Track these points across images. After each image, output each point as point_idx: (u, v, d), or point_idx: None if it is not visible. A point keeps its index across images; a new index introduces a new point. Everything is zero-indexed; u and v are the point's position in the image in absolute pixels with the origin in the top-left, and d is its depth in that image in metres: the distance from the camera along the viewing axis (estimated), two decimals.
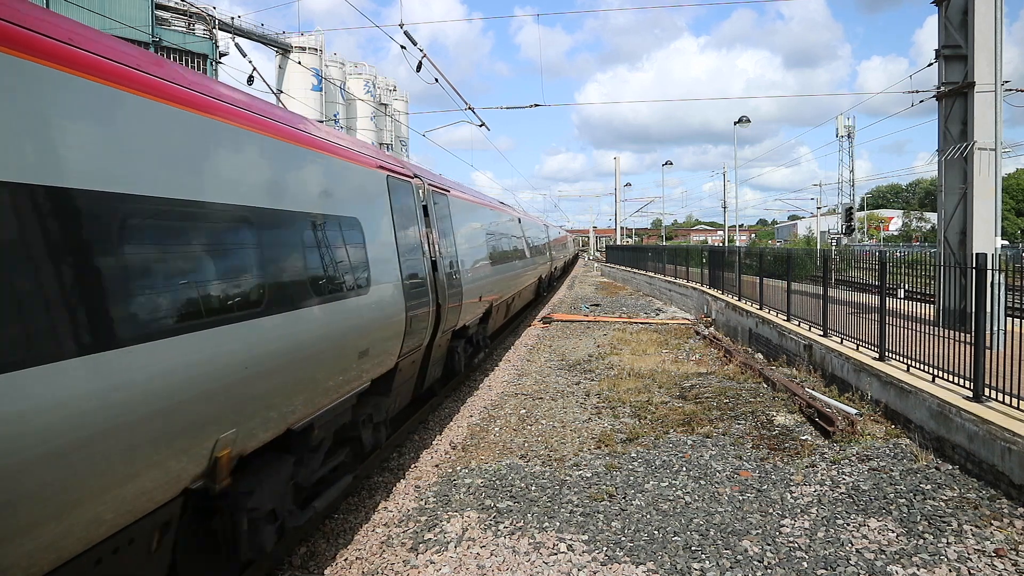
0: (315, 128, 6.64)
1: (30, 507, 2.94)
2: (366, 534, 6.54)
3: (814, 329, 12.73)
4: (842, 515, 6.27)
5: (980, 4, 11.58)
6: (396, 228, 8.09)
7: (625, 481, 7.44)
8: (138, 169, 3.76)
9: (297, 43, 73.35)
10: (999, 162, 11.72)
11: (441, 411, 11.14)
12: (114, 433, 3.34)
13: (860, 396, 9.65)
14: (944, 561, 5.32)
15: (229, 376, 4.28)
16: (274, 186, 5.33)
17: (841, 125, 48.00)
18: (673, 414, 10.02)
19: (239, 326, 4.41)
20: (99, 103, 3.57)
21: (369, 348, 6.78)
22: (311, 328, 5.47)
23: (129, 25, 31.14)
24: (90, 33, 3.73)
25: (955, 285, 9.46)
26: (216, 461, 4.25)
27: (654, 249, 41.98)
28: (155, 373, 3.62)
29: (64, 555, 3.23)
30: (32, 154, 3.07)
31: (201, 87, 4.59)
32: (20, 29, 3.10)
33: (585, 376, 13.27)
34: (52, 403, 2.99)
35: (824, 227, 57.81)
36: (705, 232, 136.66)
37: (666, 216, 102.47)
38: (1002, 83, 11.65)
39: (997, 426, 6.67)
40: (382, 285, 7.23)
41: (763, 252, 17.99)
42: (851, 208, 44.82)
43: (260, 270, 4.81)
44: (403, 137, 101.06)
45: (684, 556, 5.66)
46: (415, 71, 15.76)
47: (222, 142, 4.68)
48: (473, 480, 7.63)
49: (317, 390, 5.75)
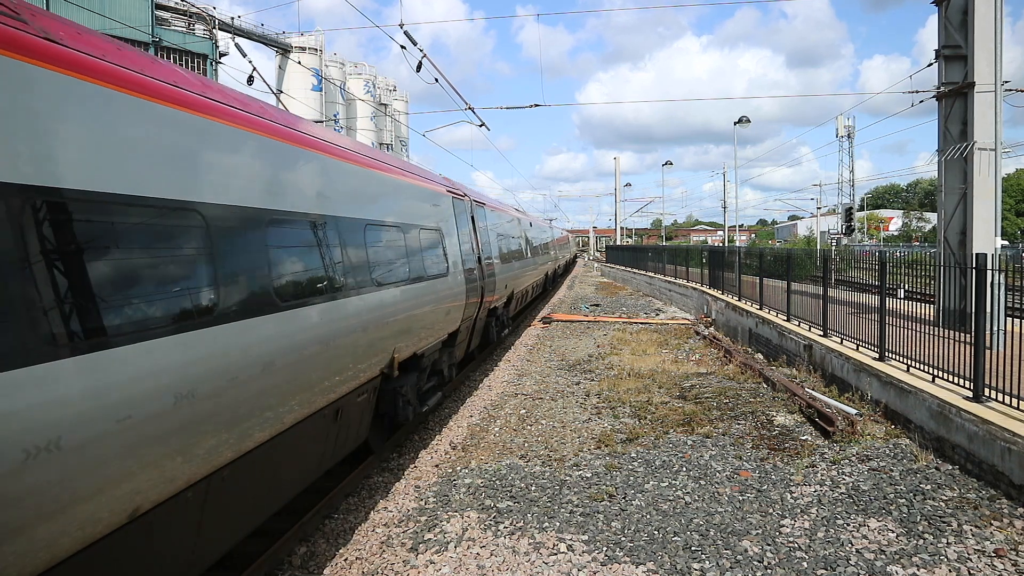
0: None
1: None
2: (366, 534, 6.54)
3: (814, 329, 12.73)
4: (842, 515, 6.27)
5: (980, 4, 11.58)
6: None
7: (625, 481, 7.43)
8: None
9: (297, 43, 73.39)
10: (999, 162, 11.72)
11: (441, 411, 11.14)
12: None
13: (860, 396, 9.65)
14: (944, 561, 5.32)
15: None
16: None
17: (841, 125, 47.94)
18: (673, 414, 10.02)
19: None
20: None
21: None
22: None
23: (129, 25, 31.09)
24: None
25: (955, 285, 9.46)
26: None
27: (654, 249, 41.98)
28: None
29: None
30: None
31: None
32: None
33: (585, 376, 13.26)
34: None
35: (824, 227, 57.82)
36: (705, 232, 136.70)
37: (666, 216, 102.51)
38: (1002, 83, 11.65)
39: (997, 426, 6.67)
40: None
41: (763, 252, 17.98)
42: (851, 208, 44.80)
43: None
44: (403, 137, 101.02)
45: (684, 556, 5.66)
46: (415, 71, 15.76)
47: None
48: (473, 480, 7.63)
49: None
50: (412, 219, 8.88)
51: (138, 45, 4.91)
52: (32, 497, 2.81)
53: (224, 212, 4.38)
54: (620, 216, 72.88)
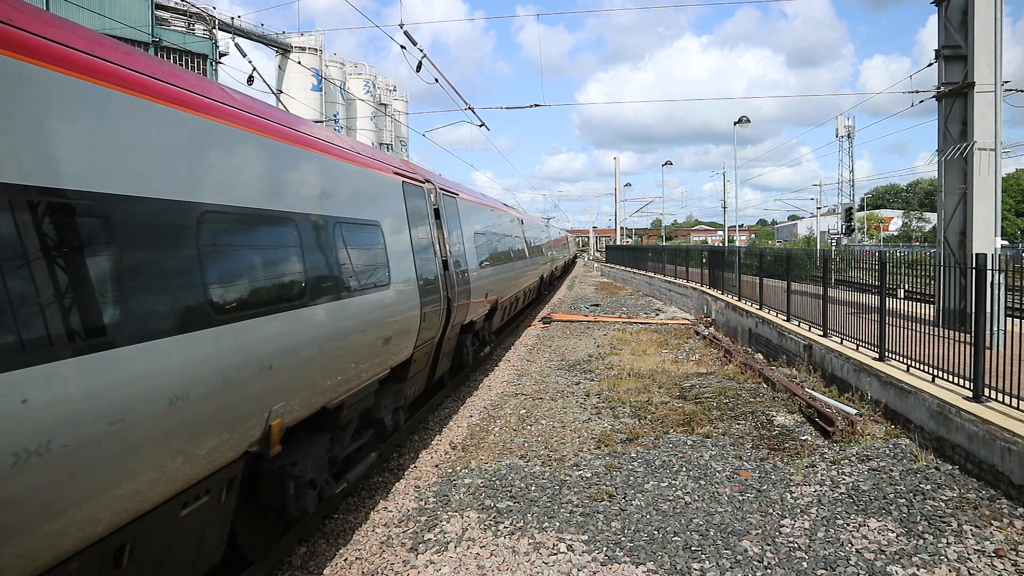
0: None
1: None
2: (366, 534, 6.54)
3: (814, 329, 12.73)
4: (842, 515, 6.27)
5: (980, 4, 11.58)
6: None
7: (625, 481, 7.43)
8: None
9: (297, 43, 73.37)
10: (999, 162, 11.73)
11: (441, 411, 11.14)
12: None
13: (860, 396, 9.65)
14: (944, 561, 5.32)
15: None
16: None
17: (841, 125, 47.95)
18: (673, 414, 10.02)
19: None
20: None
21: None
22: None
23: (129, 25, 31.09)
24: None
25: (955, 285, 9.46)
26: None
27: (654, 249, 41.97)
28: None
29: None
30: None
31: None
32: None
33: (585, 376, 13.27)
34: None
35: (824, 227, 57.81)
36: (705, 232, 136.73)
37: (666, 216, 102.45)
38: (1002, 83, 11.65)
39: (997, 426, 6.67)
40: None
41: (763, 252, 17.98)
42: (851, 208, 44.81)
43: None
44: (403, 137, 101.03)
45: (684, 556, 5.66)
46: (415, 71, 15.76)
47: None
48: (473, 480, 7.63)
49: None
50: (317, 207, 5.86)
51: (138, 45, 4.71)
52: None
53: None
54: (620, 216, 72.90)
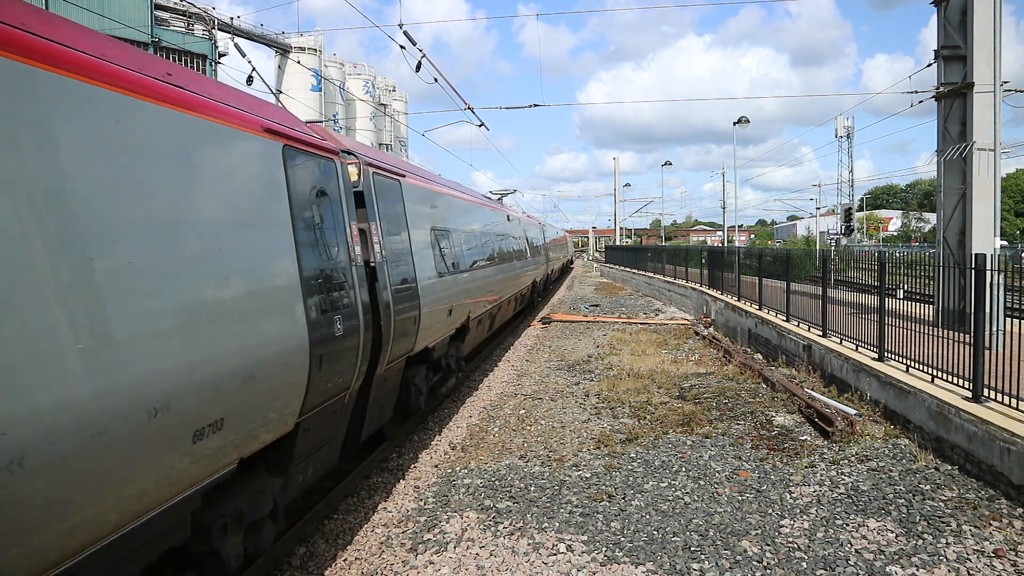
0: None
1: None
2: (365, 534, 6.54)
3: (813, 329, 12.73)
4: (841, 515, 6.27)
5: (979, 4, 11.59)
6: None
7: (624, 481, 7.43)
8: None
9: (296, 43, 73.28)
10: (998, 162, 11.73)
11: (440, 411, 11.14)
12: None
13: (859, 396, 9.65)
14: (943, 561, 5.32)
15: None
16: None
17: (840, 125, 48.02)
18: (672, 414, 10.02)
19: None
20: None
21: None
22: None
23: (128, 25, 31.08)
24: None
25: (954, 285, 9.47)
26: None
27: (653, 249, 41.97)
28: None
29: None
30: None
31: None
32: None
33: (584, 376, 13.26)
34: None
35: (823, 227, 57.87)
36: (704, 232, 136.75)
37: (666, 216, 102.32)
38: (1001, 83, 11.67)
39: (996, 426, 6.67)
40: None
41: (762, 252, 18.00)
42: (850, 208, 44.86)
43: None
44: (402, 137, 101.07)
45: (683, 556, 5.66)
46: (415, 71, 15.76)
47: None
48: (472, 480, 7.62)
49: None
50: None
51: (137, 45, 4.44)
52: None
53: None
54: (620, 216, 72.87)
